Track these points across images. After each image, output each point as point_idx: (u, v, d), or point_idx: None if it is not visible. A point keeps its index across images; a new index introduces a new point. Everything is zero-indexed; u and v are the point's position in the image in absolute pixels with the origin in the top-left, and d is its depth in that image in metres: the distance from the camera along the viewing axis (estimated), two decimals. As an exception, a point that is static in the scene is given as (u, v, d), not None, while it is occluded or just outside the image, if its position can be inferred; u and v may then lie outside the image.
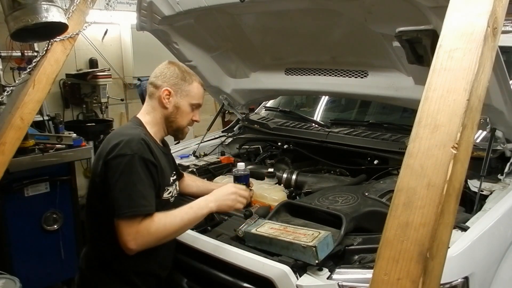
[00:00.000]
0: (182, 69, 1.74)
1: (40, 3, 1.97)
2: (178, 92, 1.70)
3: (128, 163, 1.49)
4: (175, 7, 2.18)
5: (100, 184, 1.55)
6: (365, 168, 2.27)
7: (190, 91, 1.72)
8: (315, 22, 2.06)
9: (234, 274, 1.58)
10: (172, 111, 1.70)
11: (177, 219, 1.56)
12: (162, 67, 1.73)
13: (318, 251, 1.39)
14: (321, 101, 2.98)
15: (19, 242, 2.90)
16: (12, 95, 2.45)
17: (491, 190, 1.80)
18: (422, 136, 1.05)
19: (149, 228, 1.49)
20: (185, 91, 1.71)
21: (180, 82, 1.70)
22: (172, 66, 1.74)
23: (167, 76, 1.70)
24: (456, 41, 1.08)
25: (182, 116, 1.72)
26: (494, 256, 1.59)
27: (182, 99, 1.71)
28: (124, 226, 1.47)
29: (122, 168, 1.49)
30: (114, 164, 1.50)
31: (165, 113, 1.71)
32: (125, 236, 1.46)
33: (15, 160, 2.50)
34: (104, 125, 4.19)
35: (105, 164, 1.52)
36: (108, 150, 1.53)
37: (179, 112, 1.71)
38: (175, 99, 1.69)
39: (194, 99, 1.73)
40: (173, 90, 1.69)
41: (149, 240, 1.50)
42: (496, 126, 1.83)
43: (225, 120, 4.93)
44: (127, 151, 1.50)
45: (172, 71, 1.71)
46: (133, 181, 1.49)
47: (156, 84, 1.70)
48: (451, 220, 1.03)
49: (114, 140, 1.55)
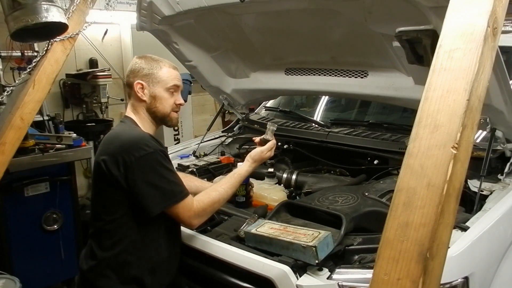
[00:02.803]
0: (148, 59, 1.75)
1: (40, 3, 1.97)
2: (150, 81, 1.72)
3: (153, 160, 1.55)
4: (175, 7, 2.18)
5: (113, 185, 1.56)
6: (365, 168, 2.27)
7: (161, 76, 1.73)
8: (315, 22, 2.06)
9: (234, 274, 1.58)
10: (150, 101, 1.72)
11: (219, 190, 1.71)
12: (131, 64, 1.77)
13: (318, 251, 1.39)
14: (321, 101, 2.98)
15: (19, 242, 2.90)
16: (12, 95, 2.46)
17: (491, 190, 1.80)
18: (422, 136, 1.05)
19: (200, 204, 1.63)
20: (156, 79, 1.73)
21: (148, 73, 1.72)
22: (138, 59, 1.76)
23: (136, 71, 1.73)
24: (456, 41, 1.08)
25: (162, 104, 1.74)
26: (494, 256, 1.59)
27: (156, 87, 1.73)
28: (176, 213, 1.59)
29: (150, 166, 1.54)
30: (139, 165, 1.53)
31: (145, 106, 1.73)
32: (187, 219, 1.60)
33: (15, 160, 2.51)
34: (104, 125, 4.19)
35: (127, 168, 1.53)
36: (124, 155, 1.54)
37: (157, 100, 1.73)
38: (149, 89, 1.72)
39: (167, 83, 1.74)
40: (144, 82, 1.71)
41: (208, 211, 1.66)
42: (496, 126, 1.83)
43: (225, 120, 4.93)
44: (146, 149, 1.55)
45: (139, 64, 1.74)
46: (162, 174, 1.57)
47: (129, 82, 1.74)
48: (451, 220, 1.03)
49: (123, 140, 1.58)
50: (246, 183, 1.96)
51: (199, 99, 5.26)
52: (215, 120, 3.04)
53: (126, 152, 1.54)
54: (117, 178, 1.54)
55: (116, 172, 1.54)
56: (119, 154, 1.55)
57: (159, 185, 1.55)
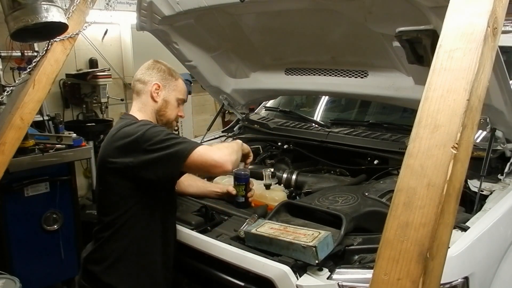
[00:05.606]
0: (168, 66, 1.85)
1: (40, 3, 1.97)
2: (167, 86, 1.80)
3: (155, 130, 1.59)
4: (175, 7, 2.18)
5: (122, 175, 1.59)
6: (365, 168, 2.27)
7: (177, 86, 1.83)
8: (315, 22, 2.06)
9: (234, 274, 1.58)
10: (161, 104, 1.79)
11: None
12: (147, 65, 1.82)
13: (318, 251, 1.39)
14: (321, 101, 2.98)
15: (19, 242, 2.90)
16: (12, 95, 2.45)
17: (491, 190, 1.80)
18: (422, 136, 1.05)
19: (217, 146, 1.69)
20: (173, 86, 1.82)
21: (168, 77, 1.81)
22: (158, 63, 1.83)
23: (155, 72, 1.79)
24: (456, 41, 1.08)
25: (171, 110, 1.82)
26: (494, 256, 1.59)
27: (170, 93, 1.81)
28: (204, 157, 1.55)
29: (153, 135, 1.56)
30: (144, 139, 1.56)
31: (155, 107, 1.78)
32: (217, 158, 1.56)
33: (15, 160, 2.51)
34: (104, 125, 4.19)
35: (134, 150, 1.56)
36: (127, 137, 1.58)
37: (168, 105, 1.80)
38: (164, 93, 1.79)
39: (180, 94, 1.84)
40: (161, 85, 1.78)
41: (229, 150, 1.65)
42: (496, 126, 1.83)
43: (225, 120, 4.93)
44: (145, 126, 1.60)
45: (159, 68, 1.81)
46: (169, 136, 1.57)
47: (144, 80, 1.78)
48: (451, 220, 1.03)
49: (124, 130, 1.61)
50: (246, 183, 1.96)
51: (199, 99, 5.27)
52: (215, 120, 3.04)
53: (129, 135, 1.58)
54: (126, 165, 1.56)
55: (124, 159, 1.57)
56: (123, 140, 1.59)
57: (170, 145, 1.55)
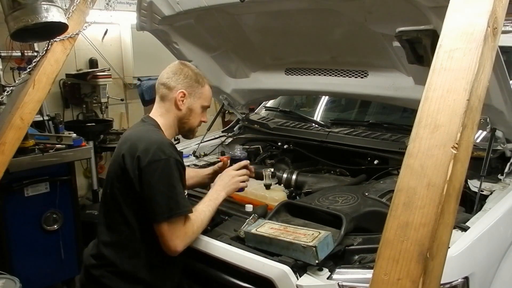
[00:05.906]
0: (195, 71, 1.76)
1: (40, 3, 1.97)
2: (192, 94, 1.72)
3: (165, 166, 1.52)
4: (175, 7, 2.18)
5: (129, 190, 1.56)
6: (365, 168, 2.27)
7: (203, 93, 1.75)
8: (315, 22, 2.06)
9: (234, 274, 1.58)
10: (185, 112, 1.73)
11: (206, 214, 1.65)
12: (175, 68, 1.74)
13: (318, 251, 1.39)
14: (321, 101, 2.98)
15: (19, 242, 2.90)
16: (12, 95, 2.46)
17: (491, 190, 1.80)
18: (422, 136, 1.05)
19: (193, 226, 1.57)
20: (199, 94, 1.74)
21: (194, 84, 1.72)
22: (185, 67, 1.75)
23: (181, 78, 1.71)
24: (456, 41, 1.08)
25: (194, 118, 1.76)
26: (494, 256, 1.59)
27: (196, 102, 1.74)
28: (171, 228, 1.51)
29: (160, 172, 1.52)
30: (151, 169, 1.52)
31: (178, 115, 1.73)
32: (174, 239, 1.51)
33: (15, 160, 2.51)
34: (104, 125, 4.19)
35: (140, 170, 1.53)
36: (140, 156, 1.53)
37: (192, 113, 1.74)
38: (189, 101, 1.72)
39: (206, 101, 1.77)
40: (187, 92, 1.71)
41: (193, 238, 1.58)
42: (496, 126, 1.83)
43: (225, 120, 4.93)
44: (161, 155, 1.53)
45: (186, 73, 1.72)
46: (172, 183, 1.53)
47: (169, 86, 1.71)
48: (451, 220, 1.03)
49: (142, 144, 1.56)
50: None
51: (199, 99, 5.25)
52: (215, 120, 3.04)
53: (143, 153, 1.54)
54: (132, 178, 1.55)
55: (131, 171, 1.54)
56: (137, 153, 1.55)
57: (166, 193, 1.52)
